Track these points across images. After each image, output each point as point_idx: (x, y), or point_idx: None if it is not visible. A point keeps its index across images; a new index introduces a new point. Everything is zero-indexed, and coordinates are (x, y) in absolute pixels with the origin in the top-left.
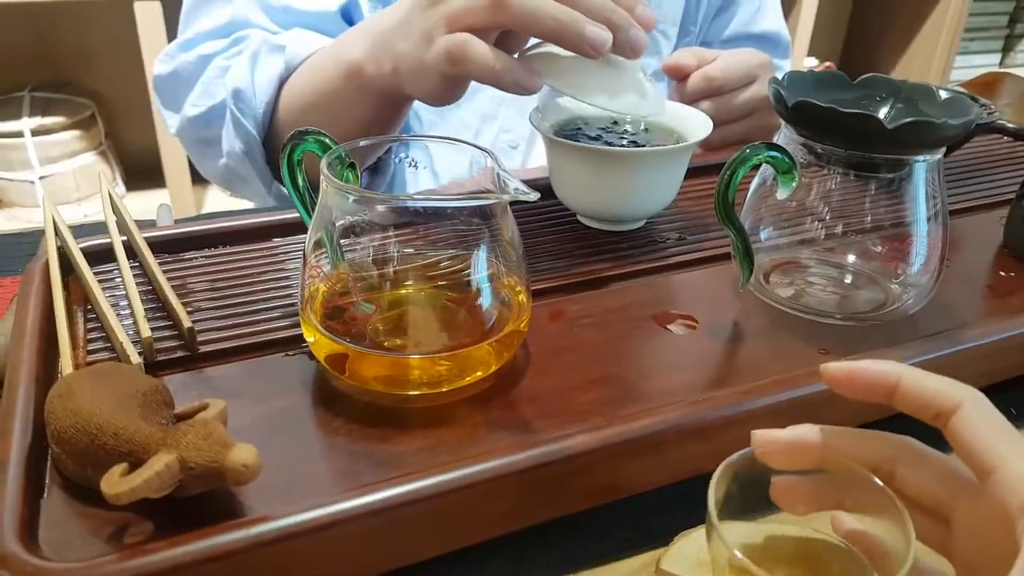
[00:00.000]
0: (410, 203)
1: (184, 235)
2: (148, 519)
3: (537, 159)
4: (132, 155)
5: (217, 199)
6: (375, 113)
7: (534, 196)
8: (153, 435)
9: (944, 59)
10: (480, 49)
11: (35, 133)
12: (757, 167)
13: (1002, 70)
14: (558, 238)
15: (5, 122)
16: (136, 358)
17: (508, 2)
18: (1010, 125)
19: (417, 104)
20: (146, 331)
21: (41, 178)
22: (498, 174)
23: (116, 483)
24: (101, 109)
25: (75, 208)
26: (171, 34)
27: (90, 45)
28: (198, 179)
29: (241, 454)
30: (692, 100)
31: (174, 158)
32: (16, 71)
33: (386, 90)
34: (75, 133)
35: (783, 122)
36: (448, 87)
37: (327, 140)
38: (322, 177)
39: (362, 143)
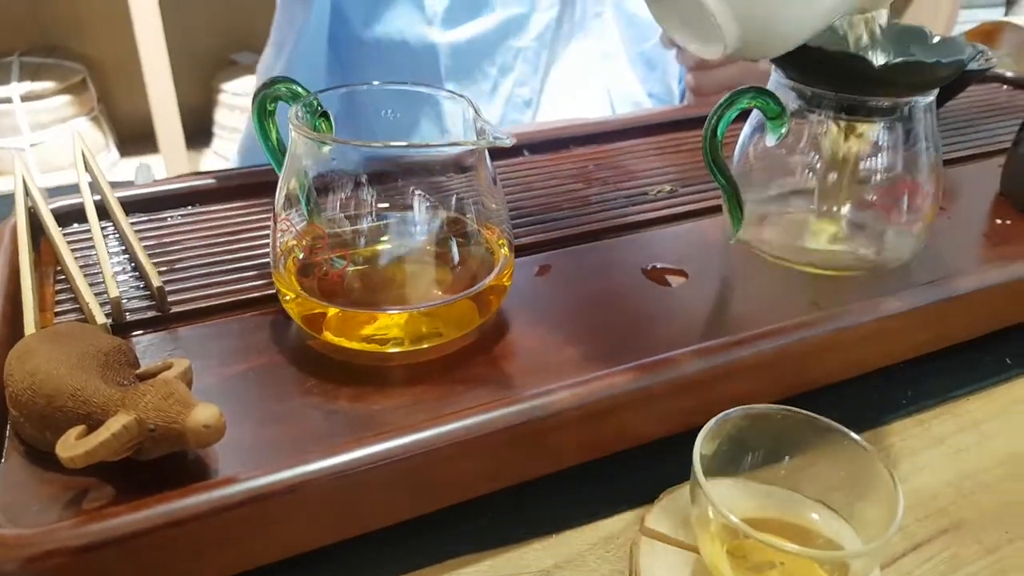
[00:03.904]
0: (383, 151)
1: (159, 194)
2: (111, 484)
3: (545, 115)
4: (125, 120)
5: (212, 163)
6: None
7: (510, 142)
8: (112, 396)
9: (948, 13)
10: None
11: (25, 99)
12: (746, 113)
13: (1002, 19)
14: (546, 193)
15: None
16: (102, 318)
17: None
18: (1009, 74)
19: (439, 51)
20: (114, 291)
21: (32, 145)
22: (475, 120)
23: (72, 446)
24: (93, 74)
25: (69, 174)
26: None
27: (80, 9)
28: (192, 143)
29: (202, 414)
30: None
31: (167, 123)
32: (5, 36)
33: None
34: (66, 99)
35: (773, 66)
36: None
37: (298, 88)
38: (291, 126)
39: (332, 91)
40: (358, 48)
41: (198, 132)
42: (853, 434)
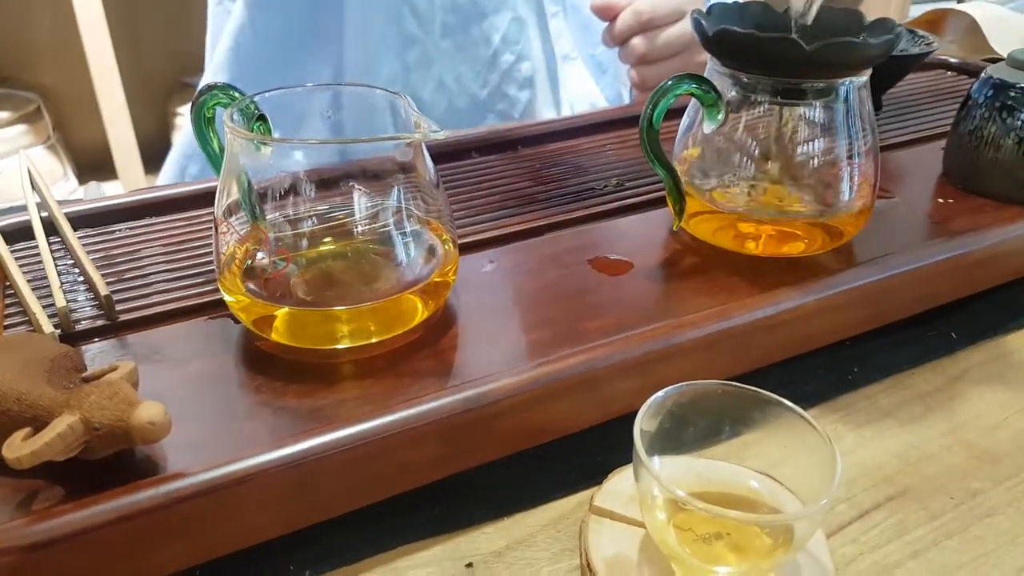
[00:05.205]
0: (318, 147)
1: (106, 209)
2: (60, 484)
3: (547, 100)
4: (82, 148)
5: None
6: None
7: (443, 134)
8: (56, 398)
9: (899, 5)
10: None
11: None
12: (684, 103)
13: (947, 6)
14: (495, 192)
15: None
16: (49, 327)
17: None
18: (953, 59)
19: (436, 6)
20: (61, 301)
21: None
22: (410, 115)
23: (18, 447)
24: (47, 102)
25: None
26: (112, 23)
27: (32, 38)
28: (150, 169)
29: (147, 411)
30: (622, 38)
31: (124, 148)
32: None
33: None
34: (21, 128)
35: (709, 55)
36: None
37: (236, 92)
38: (226, 129)
39: (269, 94)
40: None
41: (155, 156)
42: (792, 405)
